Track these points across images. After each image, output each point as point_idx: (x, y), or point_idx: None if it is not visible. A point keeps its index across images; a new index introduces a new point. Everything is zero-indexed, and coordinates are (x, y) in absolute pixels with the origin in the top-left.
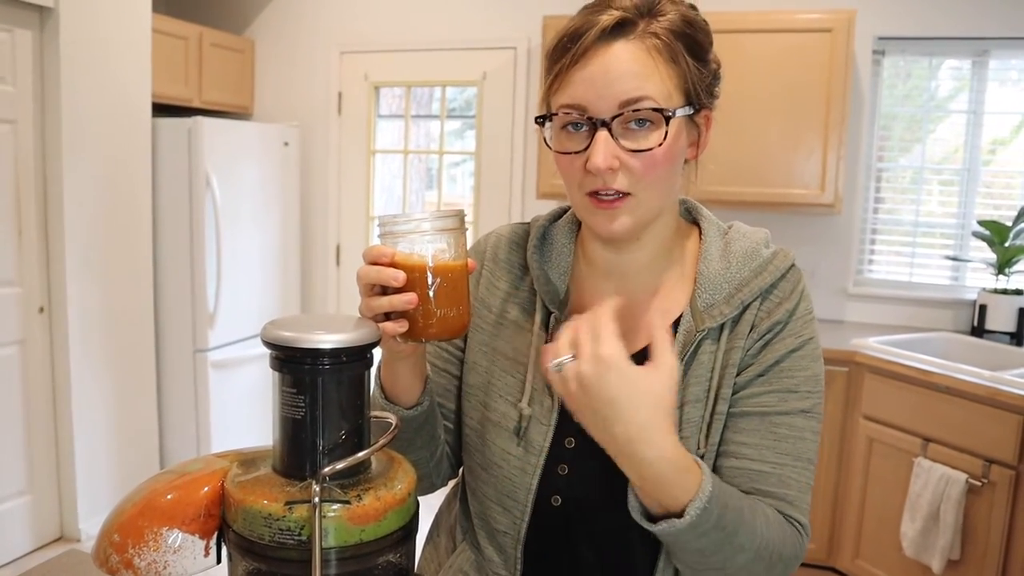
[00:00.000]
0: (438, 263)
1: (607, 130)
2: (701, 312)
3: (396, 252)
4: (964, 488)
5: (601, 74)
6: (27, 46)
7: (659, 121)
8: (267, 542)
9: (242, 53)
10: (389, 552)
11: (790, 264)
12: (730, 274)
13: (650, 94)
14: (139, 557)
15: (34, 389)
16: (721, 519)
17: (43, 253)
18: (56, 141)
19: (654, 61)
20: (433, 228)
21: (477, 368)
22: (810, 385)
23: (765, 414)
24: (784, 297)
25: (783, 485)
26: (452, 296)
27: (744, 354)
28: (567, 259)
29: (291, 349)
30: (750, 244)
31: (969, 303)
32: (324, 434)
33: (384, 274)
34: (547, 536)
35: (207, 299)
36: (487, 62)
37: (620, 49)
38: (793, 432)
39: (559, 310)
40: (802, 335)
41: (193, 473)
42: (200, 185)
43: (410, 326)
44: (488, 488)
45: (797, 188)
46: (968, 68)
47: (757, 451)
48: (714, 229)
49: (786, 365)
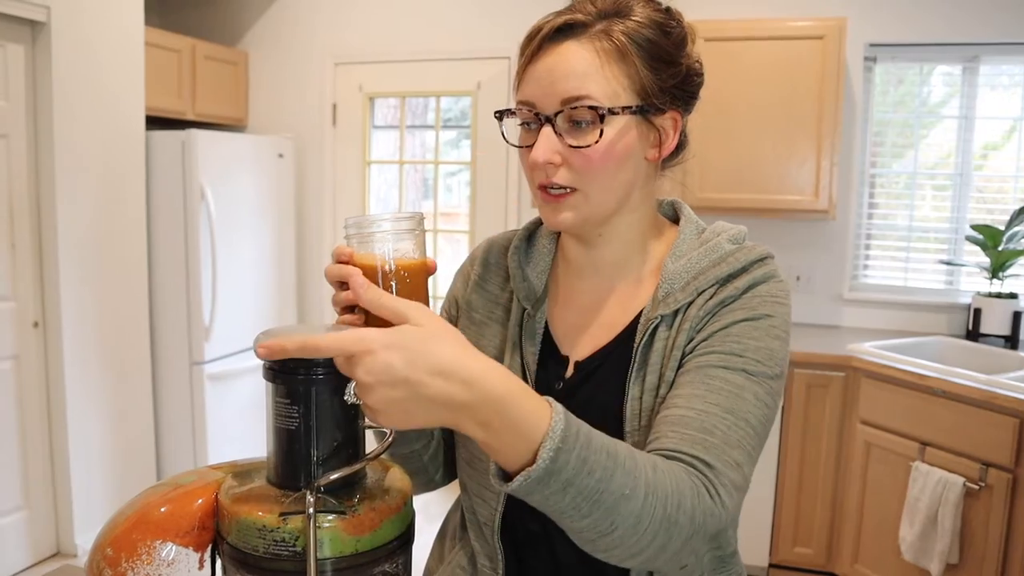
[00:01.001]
0: (396, 261)
1: (551, 126)
2: (659, 301)
3: (354, 251)
4: (962, 492)
5: (546, 72)
6: (19, 60)
7: (596, 119)
8: (262, 554)
9: (236, 65)
10: (385, 562)
11: (754, 258)
12: (691, 265)
13: (590, 93)
14: (132, 571)
15: (29, 404)
16: (586, 460)
17: (37, 267)
18: (49, 155)
19: (600, 61)
20: (393, 229)
21: None
22: (760, 355)
23: (700, 367)
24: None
25: (704, 432)
26: (407, 292)
27: (691, 332)
28: (547, 258)
29: (284, 360)
30: (718, 240)
31: (964, 307)
32: (318, 444)
33: (342, 271)
34: (525, 530)
35: (202, 312)
36: (481, 72)
37: (566, 49)
38: (729, 387)
39: (533, 307)
40: (757, 310)
41: (187, 486)
42: (195, 198)
43: (367, 319)
44: (472, 482)
45: (791, 194)
46: (959, 74)
47: (686, 400)
48: (692, 227)
49: (733, 331)
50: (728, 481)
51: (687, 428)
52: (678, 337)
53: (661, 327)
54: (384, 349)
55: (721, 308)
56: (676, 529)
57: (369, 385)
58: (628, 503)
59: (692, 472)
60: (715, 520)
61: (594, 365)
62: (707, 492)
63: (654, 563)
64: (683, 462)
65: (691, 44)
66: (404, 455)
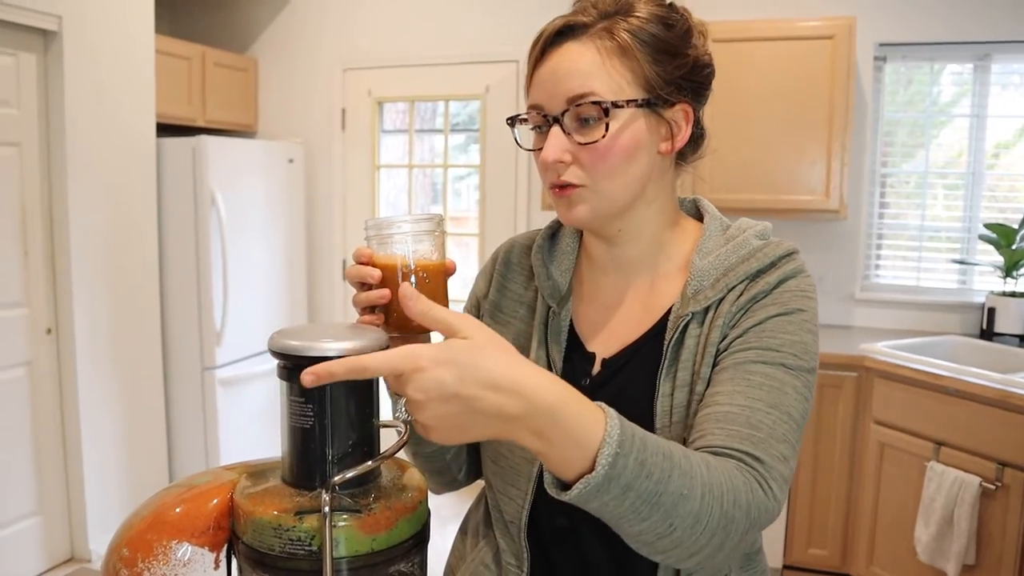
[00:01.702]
0: (417, 261)
1: (559, 126)
2: (689, 299)
3: (375, 252)
4: (978, 492)
5: (550, 74)
6: (31, 69)
7: (601, 114)
8: (277, 553)
9: (245, 72)
10: (401, 561)
11: (782, 253)
12: (719, 261)
13: (595, 89)
14: (149, 571)
15: (42, 410)
16: (643, 463)
17: (49, 274)
18: (61, 163)
19: (601, 58)
20: (412, 230)
21: None
22: (796, 349)
23: (739, 363)
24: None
25: (751, 427)
26: (427, 292)
27: (724, 329)
28: (571, 256)
29: (298, 358)
30: (745, 236)
31: (977, 306)
32: (333, 443)
33: (363, 271)
34: (553, 527)
35: (214, 317)
36: (490, 76)
37: (568, 49)
38: (770, 381)
39: (558, 304)
40: (789, 305)
41: (201, 486)
42: (205, 204)
43: (388, 319)
44: (497, 479)
45: (802, 194)
46: (970, 72)
47: (728, 396)
48: (716, 224)
49: (768, 326)
50: (778, 475)
51: (733, 424)
52: (711, 334)
53: (692, 324)
54: (435, 365)
55: (753, 304)
56: (733, 525)
57: (421, 402)
58: (687, 503)
59: (743, 467)
60: (768, 514)
61: (622, 362)
62: (760, 486)
63: (712, 560)
64: (733, 458)
65: (699, 36)
66: (427, 454)
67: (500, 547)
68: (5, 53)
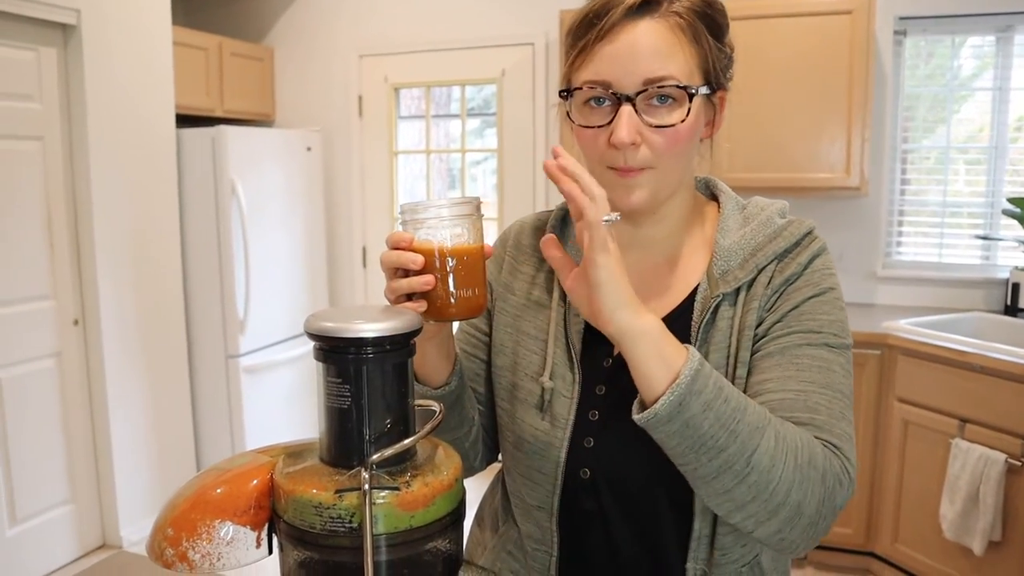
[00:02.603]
0: (454, 246)
1: (631, 105)
2: (716, 279)
3: (414, 237)
4: (1003, 468)
5: (627, 51)
6: (52, 64)
7: (682, 98)
8: (318, 531)
9: (262, 61)
10: (438, 538)
11: (805, 231)
12: (745, 242)
13: (673, 72)
14: (193, 550)
15: (72, 400)
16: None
17: (75, 266)
18: (83, 156)
19: (678, 40)
20: (450, 214)
21: (504, 350)
22: (835, 328)
23: (784, 349)
24: (798, 256)
25: (811, 411)
26: (468, 277)
27: (760, 312)
28: None
29: (335, 339)
30: (767, 214)
31: (1001, 282)
32: (370, 422)
33: (403, 257)
34: (580, 511)
35: (236, 305)
36: (505, 59)
37: (646, 27)
38: (817, 363)
39: None
40: (821, 284)
41: (241, 467)
42: (226, 193)
43: (429, 306)
44: (520, 465)
45: (823, 172)
46: (992, 45)
47: (779, 383)
48: (732, 203)
49: (806, 309)
50: (850, 453)
51: (792, 410)
52: (746, 316)
53: (723, 305)
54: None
55: (787, 286)
56: (809, 485)
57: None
58: (762, 438)
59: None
60: (843, 489)
61: None
62: (836, 457)
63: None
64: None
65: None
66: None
67: (523, 532)
68: (26, 48)
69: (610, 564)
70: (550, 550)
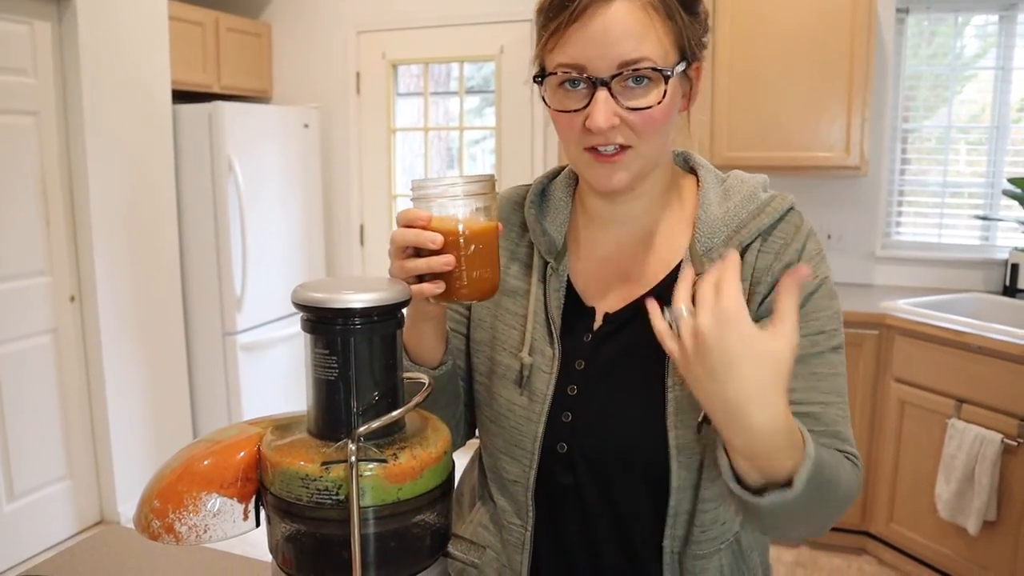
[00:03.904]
0: (473, 226)
1: (607, 89)
2: (700, 256)
3: (432, 215)
4: (999, 448)
5: (600, 34)
6: (46, 38)
7: (658, 80)
8: (305, 503)
9: (259, 37)
10: (426, 510)
11: (788, 207)
12: (728, 217)
13: (648, 54)
14: (180, 522)
15: (68, 376)
16: (820, 485)
17: (71, 243)
18: (79, 131)
19: (651, 19)
20: (466, 192)
21: (482, 324)
22: (834, 323)
23: (802, 359)
24: (789, 238)
25: (834, 423)
26: (485, 258)
27: (761, 300)
28: (565, 212)
29: (322, 310)
30: (748, 188)
31: (1000, 263)
32: (357, 394)
33: (422, 236)
34: (556, 484)
35: (233, 282)
36: (504, 36)
37: (618, 8)
38: (829, 369)
39: (555, 260)
40: (818, 272)
41: (228, 439)
42: (223, 170)
43: (449, 287)
44: (498, 440)
45: (822, 151)
46: (995, 24)
47: (805, 394)
48: (712, 176)
49: (809, 308)
50: (856, 451)
51: (818, 425)
52: None
53: None
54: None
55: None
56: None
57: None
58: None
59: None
60: (860, 491)
61: (626, 317)
62: (855, 467)
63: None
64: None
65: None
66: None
67: (499, 507)
68: (20, 21)
69: (584, 539)
70: (525, 524)
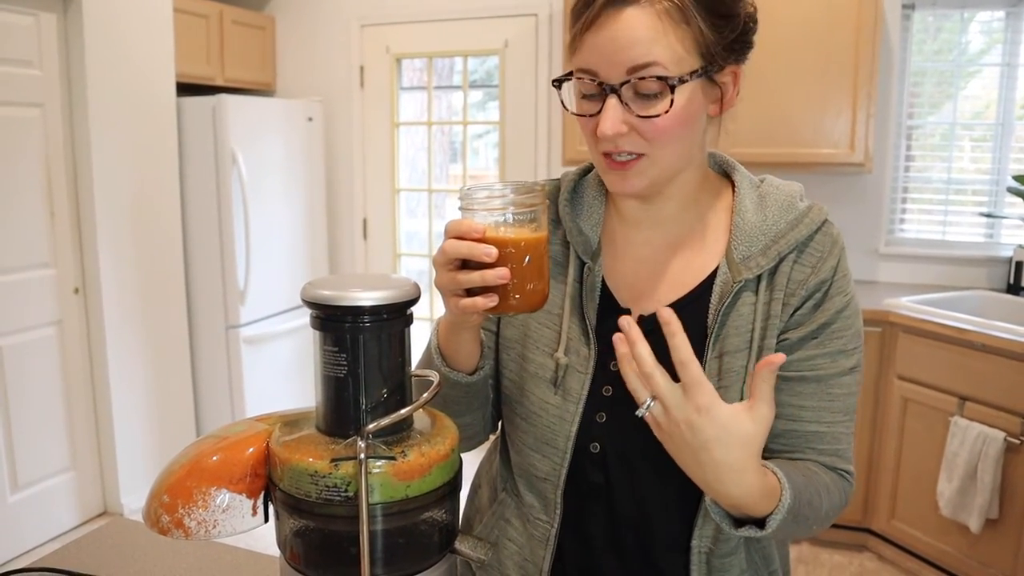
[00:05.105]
0: (526, 237)
1: (616, 96)
2: (738, 264)
3: (487, 227)
4: (1002, 446)
5: (609, 41)
6: (52, 30)
7: (665, 88)
8: (314, 499)
9: (263, 30)
10: (434, 508)
11: (824, 219)
12: (766, 226)
13: (658, 60)
14: (189, 517)
15: (72, 368)
16: (796, 518)
17: (76, 235)
18: (84, 123)
19: (663, 25)
20: (517, 203)
21: (513, 322)
22: (856, 341)
23: (821, 378)
24: (825, 253)
25: (836, 441)
26: (537, 270)
27: (793, 311)
28: (599, 211)
29: (331, 308)
30: (785, 197)
31: (1004, 260)
32: (367, 391)
33: (476, 250)
34: (587, 483)
35: (237, 276)
36: (508, 30)
37: (629, 15)
38: (844, 390)
39: (592, 260)
40: (847, 292)
41: (237, 435)
42: (226, 162)
43: (502, 301)
44: (528, 436)
45: (826, 147)
46: (1001, 20)
47: (815, 413)
48: (747, 182)
49: (836, 326)
50: (853, 470)
51: (822, 443)
52: (772, 305)
53: (744, 291)
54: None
55: (821, 293)
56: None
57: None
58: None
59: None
60: (847, 504)
61: None
62: (849, 485)
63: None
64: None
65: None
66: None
67: (525, 502)
68: (26, 13)
69: (610, 536)
70: (552, 521)
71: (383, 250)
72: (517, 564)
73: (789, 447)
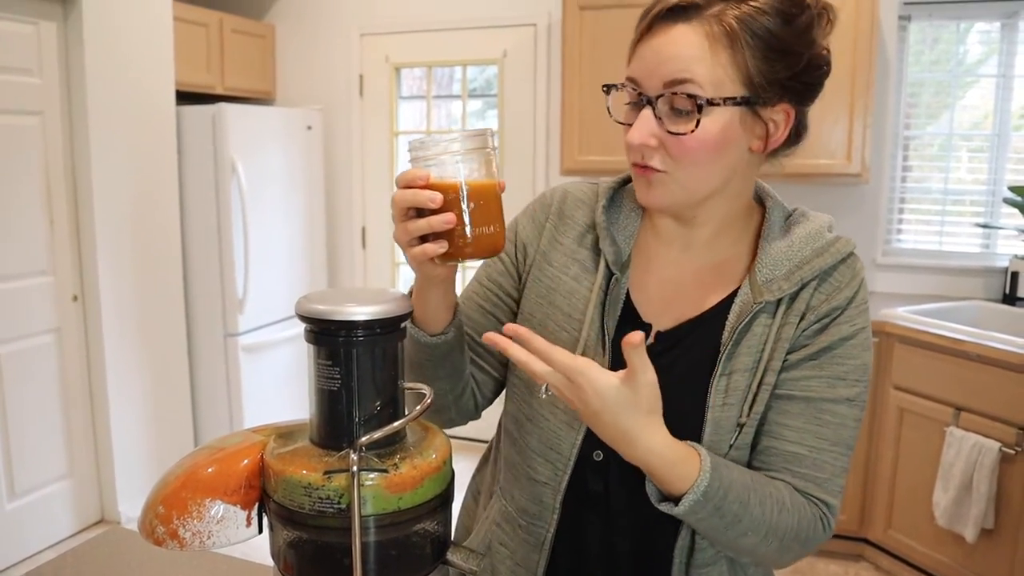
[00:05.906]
0: (471, 183)
1: (651, 108)
2: (760, 285)
3: (430, 175)
4: (997, 457)
5: (654, 53)
6: (52, 38)
7: (694, 108)
8: (307, 511)
9: (263, 38)
10: (426, 520)
11: (850, 251)
12: (791, 252)
13: (695, 78)
14: (184, 528)
15: (71, 376)
16: (720, 509)
17: (75, 242)
18: (83, 131)
19: (710, 45)
20: (463, 149)
21: (531, 319)
22: (858, 374)
23: (811, 399)
24: (844, 283)
25: (816, 468)
26: (486, 215)
27: (799, 333)
28: (635, 223)
29: (325, 322)
30: (814, 226)
31: (1000, 271)
32: (360, 404)
33: (420, 196)
34: (586, 491)
35: (235, 284)
36: (507, 40)
37: (679, 31)
38: (836, 419)
39: (620, 272)
40: (856, 323)
41: (232, 447)
42: (225, 171)
43: (451, 246)
44: (531, 439)
45: (823, 158)
46: (997, 31)
47: (798, 434)
48: (778, 209)
49: (839, 352)
50: (836, 510)
51: (801, 466)
52: (784, 329)
53: (762, 313)
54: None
55: (830, 319)
56: (789, 554)
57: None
58: (750, 538)
59: (813, 508)
60: (820, 539)
61: (678, 337)
62: (821, 524)
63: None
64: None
65: (819, 29)
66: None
67: (521, 506)
68: (26, 21)
69: (604, 543)
70: (547, 525)
71: (382, 259)
72: (509, 569)
73: (766, 465)
